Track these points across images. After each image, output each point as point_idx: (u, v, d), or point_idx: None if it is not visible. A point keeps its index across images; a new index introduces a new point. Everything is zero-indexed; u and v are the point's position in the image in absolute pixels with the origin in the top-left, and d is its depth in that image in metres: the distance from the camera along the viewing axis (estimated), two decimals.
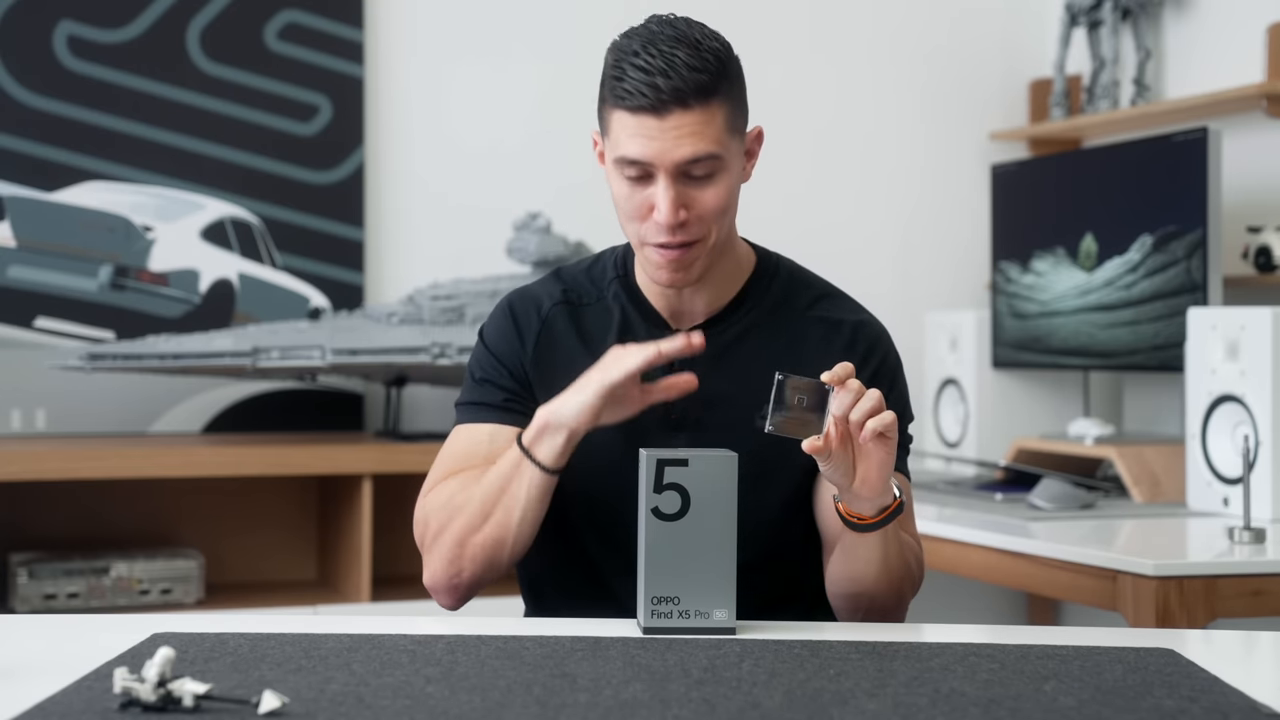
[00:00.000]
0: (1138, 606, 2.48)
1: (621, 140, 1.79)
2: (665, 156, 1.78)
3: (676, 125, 1.77)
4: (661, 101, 1.76)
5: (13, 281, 3.49)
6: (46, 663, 1.51)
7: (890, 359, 1.95)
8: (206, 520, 3.56)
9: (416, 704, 1.35)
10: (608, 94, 1.81)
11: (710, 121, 1.78)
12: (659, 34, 1.79)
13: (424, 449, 3.35)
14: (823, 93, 4.02)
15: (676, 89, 1.76)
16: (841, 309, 1.96)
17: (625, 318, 1.93)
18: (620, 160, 1.80)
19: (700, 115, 1.77)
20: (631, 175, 1.81)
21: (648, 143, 1.78)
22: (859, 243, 4.02)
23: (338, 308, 3.68)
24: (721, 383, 1.89)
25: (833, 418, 1.67)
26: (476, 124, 3.80)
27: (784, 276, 1.97)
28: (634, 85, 1.77)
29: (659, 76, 1.76)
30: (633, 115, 1.78)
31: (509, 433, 1.88)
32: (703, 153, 1.78)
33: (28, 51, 3.50)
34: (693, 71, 1.76)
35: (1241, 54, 3.47)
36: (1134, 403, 3.78)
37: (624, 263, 1.96)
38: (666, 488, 1.66)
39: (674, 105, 1.76)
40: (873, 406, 1.68)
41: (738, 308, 1.93)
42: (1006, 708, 1.37)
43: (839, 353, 1.90)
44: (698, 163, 1.79)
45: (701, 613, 1.66)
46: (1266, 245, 3.23)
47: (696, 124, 1.77)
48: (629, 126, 1.78)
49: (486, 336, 1.98)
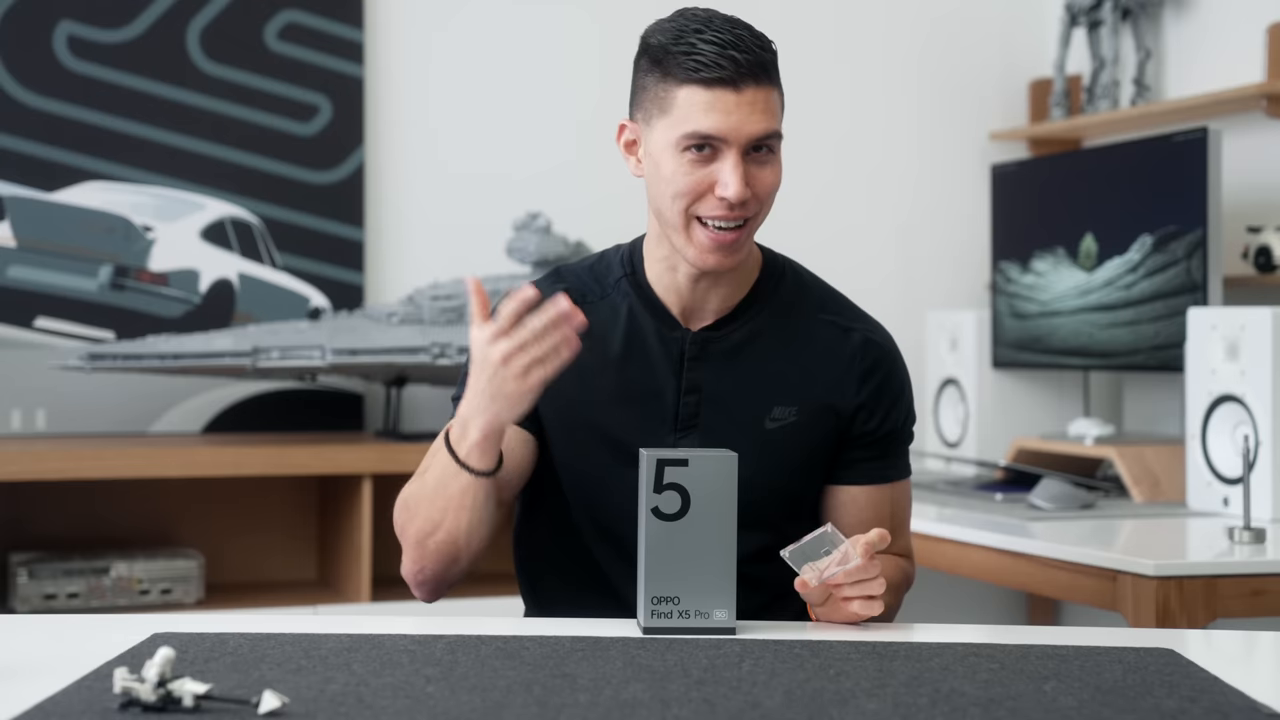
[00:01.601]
0: (1138, 606, 2.48)
1: (692, 115, 1.78)
2: (740, 131, 1.77)
3: (751, 100, 1.77)
4: (740, 74, 1.77)
5: (13, 281, 3.49)
6: (46, 663, 1.51)
7: (898, 371, 1.96)
8: (206, 520, 3.56)
9: (416, 704, 1.35)
10: (674, 69, 1.79)
11: (774, 100, 1.81)
12: (712, 17, 1.80)
13: (424, 449, 3.29)
14: (822, 93, 4.01)
15: (752, 63, 1.77)
16: (850, 316, 1.96)
17: (633, 314, 1.92)
18: (689, 135, 1.78)
19: (769, 92, 1.80)
20: (696, 154, 1.79)
21: (725, 117, 1.77)
22: (859, 242, 4.02)
23: (338, 308, 3.68)
24: (728, 383, 1.89)
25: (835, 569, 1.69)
26: (477, 124, 3.79)
27: (791, 278, 1.97)
28: (709, 58, 1.76)
29: (733, 49, 1.76)
30: (707, 89, 1.77)
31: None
32: (772, 130, 1.80)
33: (28, 51, 3.50)
34: (760, 50, 1.79)
35: (1241, 54, 3.47)
36: (1134, 403, 3.78)
37: (631, 260, 1.95)
38: (666, 487, 1.66)
39: (749, 79, 1.77)
40: (868, 581, 1.70)
41: (748, 307, 1.92)
42: (1006, 708, 1.37)
43: (846, 358, 1.91)
44: (769, 139, 1.80)
45: (701, 613, 1.67)
46: (1266, 245, 3.23)
47: (767, 101, 1.79)
48: (701, 102, 1.77)
49: None
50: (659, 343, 1.90)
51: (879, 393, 1.91)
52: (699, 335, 1.90)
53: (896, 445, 1.95)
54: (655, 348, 1.90)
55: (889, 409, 1.92)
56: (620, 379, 1.90)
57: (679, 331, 1.91)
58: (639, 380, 1.90)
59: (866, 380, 1.91)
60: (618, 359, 1.90)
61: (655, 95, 1.82)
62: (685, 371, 1.89)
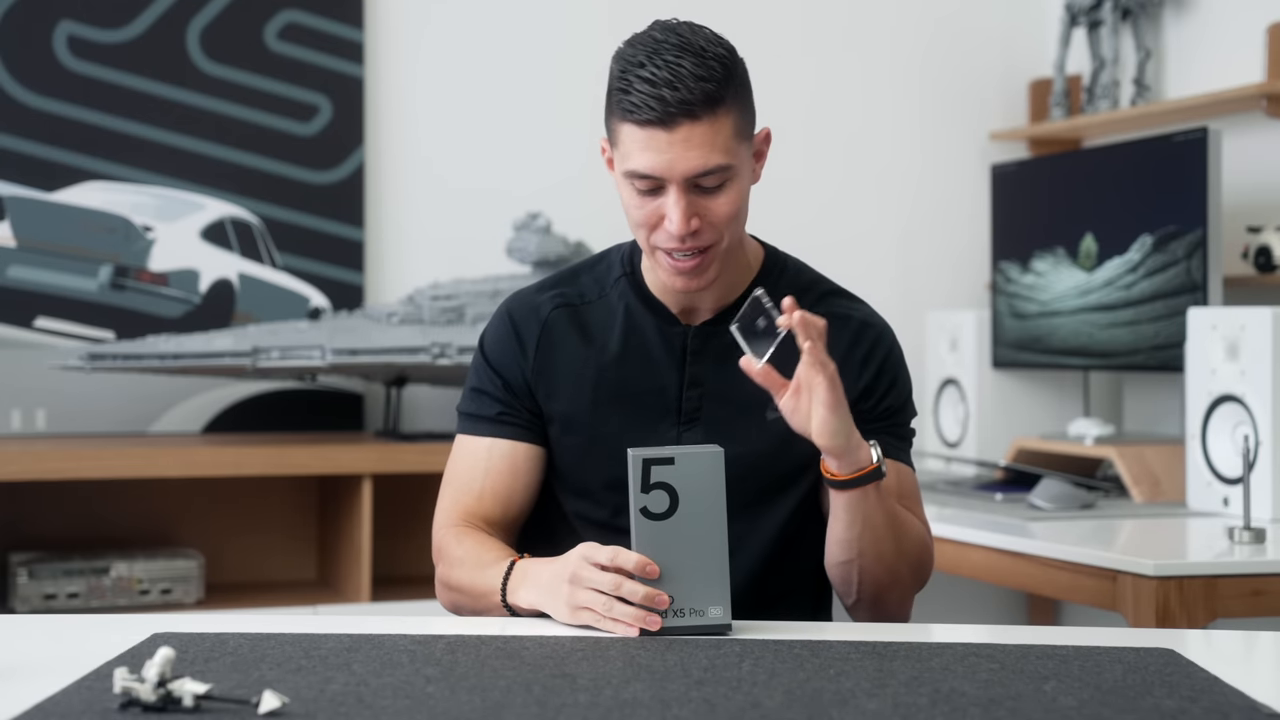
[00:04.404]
0: (1138, 606, 2.48)
1: (631, 154, 1.78)
2: (674, 169, 1.77)
3: (685, 138, 1.76)
4: (669, 115, 1.75)
5: (13, 281, 3.49)
6: (46, 663, 1.51)
7: (894, 355, 1.97)
8: (206, 520, 3.56)
9: (416, 704, 1.35)
10: (615, 106, 1.80)
11: (719, 131, 1.77)
12: (663, 43, 1.77)
13: (424, 449, 3.35)
14: (823, 93, 4.02)
15: (684, 101, 1.74)
16: (847, 306, 1.97)
17: (630, 314, 1.93)
18: (630, 173, 1.80)
19: (708, 126, 1.76)
20: (642, 188, 1.80)
21: (657, 156, 1.77)
22: (859, 243, 4.02)
23: (338, 308, 3.68)
24: (730, 376, 1.89)
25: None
26: (477, 124, 3.79)
27: (790, 273, 1.98)
28: (640, 99, 1.75)
29: (665, 89, 1.74)
30: (640, 129, 1.77)
31: (505, 445, 1.93)
32: (713, 165, 1.77)
33: (28, 51, 3.50)
34: (699, 81, 1.75)
35: (1241, 54, 3.47)
36: (1134, 403, 3.78)
37: (631, 259, 1.96)
38: (654, 487, 1.66)
39: (682, 118, 1.75)
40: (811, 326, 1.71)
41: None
42: (1006, 708, 1.37)
43: (845, 347, 1.91)
44: (708, 175, 1.78)
45: (697, 610, 1.66)
46: (1266, 245, 3.23)
47: (705, 135, 1.76)
48: (638, 140, 1.77)
49: (486, 346, 1.98)
50: (660, 339, 1.92)
51: (879, 374, 1.93)
52: (700, 330, 1.92)
53: (897, 427, 1.95)
54: (656, 344, 1.92)
55: (888, 389, 1.94)
56: (621, 377, 1.92)
57: (679, 327, 1.92)
58: (640, 377, 1.91)
59: (867, 364, 1.93)
60: (617, 357, 1.92)
61: (610, 127, 1.84)
62: (688, 366, 1.91)
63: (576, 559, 1.70)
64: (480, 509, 1.93)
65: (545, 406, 1.93)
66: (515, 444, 1.93)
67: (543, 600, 1.74)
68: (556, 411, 1.93)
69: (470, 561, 1.87)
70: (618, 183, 1.84)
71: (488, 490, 1.93)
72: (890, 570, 1.85)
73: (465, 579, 1.86)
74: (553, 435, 1.94)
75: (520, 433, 1.94)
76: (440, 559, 1.94)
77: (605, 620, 1.66)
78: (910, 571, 1.89)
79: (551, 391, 1.93)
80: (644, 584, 1.65)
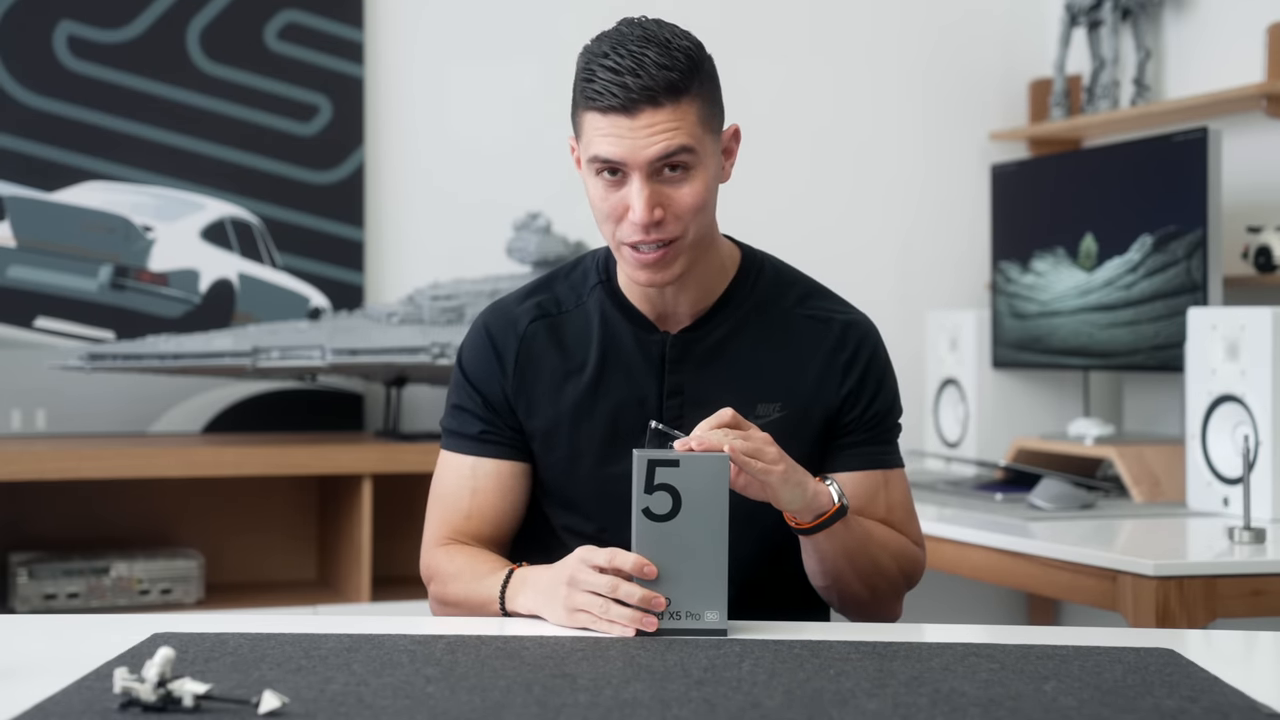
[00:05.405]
0: (1138, 606, 2.48)
1: (594, 141, 1.79)
2: (637, 155, 1.77)
3: (648, 123, 1.76)
4: (631, 100, 1.75)
5: (13, 281, 3.49)
6: (46, 663, 1.51)
7: (879, 356, 1.96)
8: (206, 520, 3.56)
9: (416, 704, 1.35)
10: (579, 96, 1.81)
11: (683, 119, 1.77)
12: (628, 35, 1.78)
13: (424, 449, 3.35)
14: (823, 94, 4.02)
15: (646, 87, 1.75)
16: (829, 306, 1.96)
17: (607, 323, 1.92)
18: (594, 160, 1.80)
19: (671, 113, 1.77)
20: (605, 176, 1.80)
21: (619, 141, 1.77)
22: (859, 243, 4.02)
23: (338, 308, 3.68)
24: (711, 383, 1.89)
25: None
26: (476, 124, 3.80)
27: (769, 274, 1.96)
28: (604, 85, 1.76)
29: (628, 76, 1.75)
30: (603, 115, 1.77)
31: (489, 465, 1.93)
32: (675, 147, 1.77)
33: (28, 51, 3.50)
34: (662, 70, 1.76)
35: (1241, 54, 3.47)
36: (1134, 403, 3.78)
37: (606, 266, 1.95)
38: (657, 488, 1.65)
39: (644, 103, 1.76)
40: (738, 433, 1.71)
41: (723, 307, 1.92)
42: (1006, 708, 1.37)
43: (828, 351, 1.91)
44: (671, 158, 1.78)
45: (693, 614, 1.66)
46: (1266, 245, 3.23)
47: (668, 121, 1.77)
48: (600, 126, 1.78)
49: (464, 362, 1.97)
50: (637, 348, 1.90)
51: (864, 378, 1.92)
52: (679, 337, 1.91)
53: (884, 431, 1.95)
54: (634, 354, 1.90)
55: (874, 393, 1.93)
56: (600, 390, 1.90)
57: (657, 335, 1.91)
58: (620, 389, 1.90)
59: (851, 368, 1.91)
60: (595, 370, 1.91)
61: (575, 119, 1.84)
62: (667, 375, 1.90)
63: (575, 562, 1.70)
64: (469, 528, 1.93)
65: (526, 423, 1.92)
66: (500, 462, 1.93)
67: (540, 604, 1.74)
68: (537, 428, 1.92)
69: (466, 574, 1.86)
70: (584, 176, 1.85)
71: (475, 510, 1.93)
72: (870, 587, 1.87)
73: (462, 591, 1.86)
74: (536, 451, 1.93)
75: (504, 450, 1.93)
76: (433, 579, 1.92)
77: (601, 622, 1.66)
78: (890, 585, 1.90)
79: (531, 408, 1.92)
80: (641, 586, 1.65)
